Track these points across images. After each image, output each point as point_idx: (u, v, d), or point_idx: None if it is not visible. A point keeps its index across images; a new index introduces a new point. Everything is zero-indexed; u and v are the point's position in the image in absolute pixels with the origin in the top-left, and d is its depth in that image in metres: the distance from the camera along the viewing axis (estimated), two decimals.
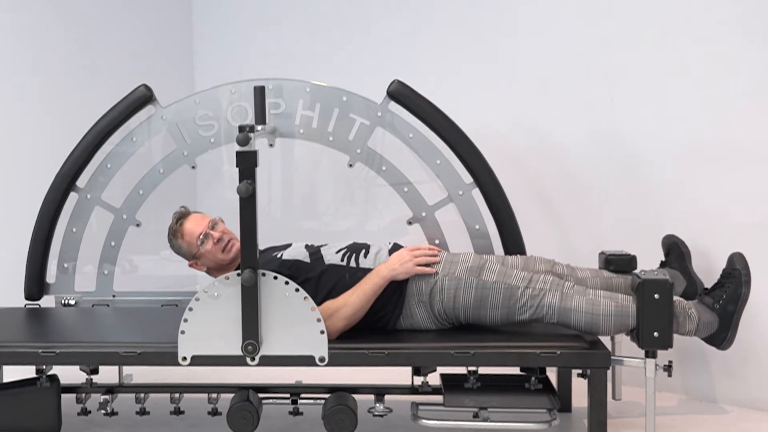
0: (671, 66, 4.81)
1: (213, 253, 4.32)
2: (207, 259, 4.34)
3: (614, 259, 4.33)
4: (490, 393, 3.97)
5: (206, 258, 4.34)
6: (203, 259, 4.35)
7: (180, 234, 4.39)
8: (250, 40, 6.51)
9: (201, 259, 4.36)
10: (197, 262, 4.38)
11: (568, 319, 3.97)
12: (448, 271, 4.07)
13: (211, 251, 4.32)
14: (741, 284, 4.04)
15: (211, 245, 4.31)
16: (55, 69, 5.95)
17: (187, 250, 4.39)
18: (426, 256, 4.10)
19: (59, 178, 4.76)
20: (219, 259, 4.32)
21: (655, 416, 3.93)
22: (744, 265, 4.09)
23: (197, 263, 4.38)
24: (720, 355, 4.64)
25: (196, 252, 4.35)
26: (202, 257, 4.35)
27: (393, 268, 4.04)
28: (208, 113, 4.76)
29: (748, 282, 4.05)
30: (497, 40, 5.42)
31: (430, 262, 4.08)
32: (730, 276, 4.10)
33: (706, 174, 4.73)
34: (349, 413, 3.95)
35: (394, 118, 4.66)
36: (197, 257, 4.36)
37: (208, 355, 3.92)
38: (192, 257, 4.38)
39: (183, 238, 4.38)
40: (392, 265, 4.05)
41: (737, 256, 4.15)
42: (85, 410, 4.28)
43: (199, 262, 4.38)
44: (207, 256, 4.33)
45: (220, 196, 6.33)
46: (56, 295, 4.84)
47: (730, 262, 4.16)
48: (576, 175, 5.20)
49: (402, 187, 4.71)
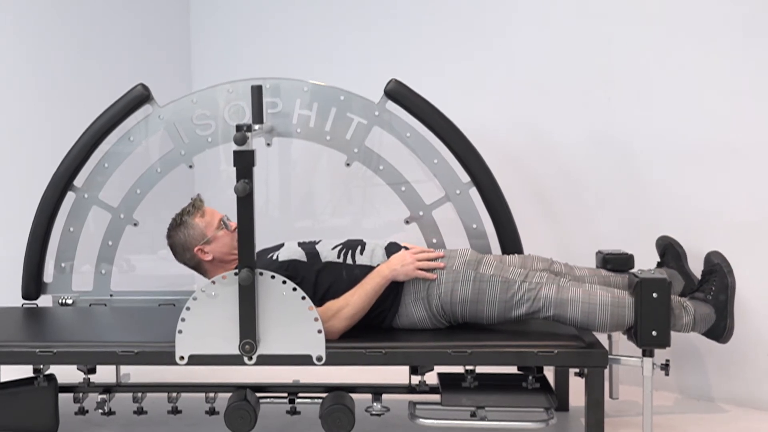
0: (669, 66, 4.82)
1: (228, 240, 4.28)
2: (219, 244, 4.28)
3: (612, 258, 4.33)
4: (487, 392, 3.97)
5: (218, 244, 4.28)
6: (215, 244, 4.28)
7: (201, 213, 4.33)
8: (248, 40, 6.52)
9: (213, 243, 4.27)
10: (205, 247, 4.28)
11: (565, 311, 3.96)
12: (446, 265, 4.07)
13: (226, 237, 4.28)
14: (725, 275, 4.07)
15: (228, 232, 4.29)
16: (52, 68, 5.96)
17: (201, 231, 4.29)
18: (428, 261, 4.10)
19: (57, 177, 4.76)
20: (229, 250, 4.26)
21: (653, 415, 3.94)
22: (722, 259, 4.13)
23: (204, 249, 4.28)
24: (716, 354, 4.67)
25: (211, 235, 4.28)
26: (214, 242, 4.27)
27: (394, 269, 4.04)
28: (206, 112, 4.76)
29: (730, 272, 4.09)
30: (495, 40, 5.42)
31: (432, 267, 4.08)
32: (712, 272, 4.13)
33: (703, 174, 4.74)
34: (346, 412, 3.95)
35: (391, 117, 4.67)
36: (209, 241, 4.28)
37: (205, 355, 3.92)
38: (203, 241, 4.28)
39: (203, 216, 4.31)
40: (394, 266, 4.05)
41: (713, 253, 4.19)
42: (83, 410, 4.28)
43: (206, 248, 4.28)
44: (221, 241, 4.28)
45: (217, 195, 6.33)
46: (53, 294, 4.84)
47: (708, 261, 4.19)
48: (573, 175, 5.20)
49: (399, 187, 4.71)
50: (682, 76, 4.78)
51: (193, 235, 4.31)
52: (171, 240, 4.37)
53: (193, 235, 4.31)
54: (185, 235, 4.33)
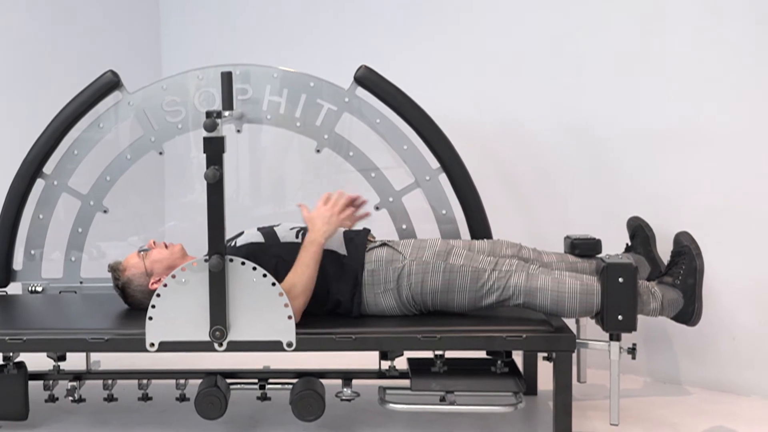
0: (638, 53, 4.85)
1: (159, 254, 4.23)
2: (159, 264, 4.21)
3: (579, 243, 4.35)
4: (456, 377, 3.99)
5: (157, 264, 4.21)
6: (156, 267, 4.20)
7: (122, 267, 4.26)
8: (218, 26, 6.49)
9: (155, 269, 4.20)
10: (155, 277, 4.19)
11: (534, 299, 3.98)
12: (416, 256, 4.08)
13: (156, 254, 4.22)
14: (694, 257, 4.06)
15: (153, 250, 4.24)
16: (20, 55, 5.92)
17: (139, 273, 4.23)
18: (344, 205, 4.12)
19: (25, 164, 4.74)
20: (167, 257, 4.22)
21: (620, 398, 3.96)
22: (690, 240, 4.12)
23: (154, 277, 4.20)
24: (683, 337, 4.71)
25: (145, 267, 4.22)
26: (153, 267, 4.21)
27: (323, 231, 4.03)
28: (176, 99, 4.75)
29: (699, 254, 4.08)
30: (468, 26, 5.42)
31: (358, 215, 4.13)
32: (680, 254, 4.12)
33: (672, 160, 4.78)
34: (316, 398, 3.96)
35: (361, 103, 4.67)
36: (150, 272, 4.21)
37: (175, 341, 3.91)
38: (146, 275, 4.22)
39: (127, 268, 4.25)
40: (320, 228, 4.03)
41: (683, 234, 4.18)
42: (53, 397, 4.26)
43: (155, 275, 4.20)
44: (156, 261, 4.22)
45: (187, 182, 6.33)
46: (23, 282, 4.82)
47: (677, 242, 4.18)
48: (543, 160, 5.22)
49: (369, 173, 4.72)
50: (651, 63, 4.81)
51: (137, 282, 4.24)
52: (132, 299, 4.29)
53: (137, 283, 4.25)
54: (135, 288, 4.26)
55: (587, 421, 4.29)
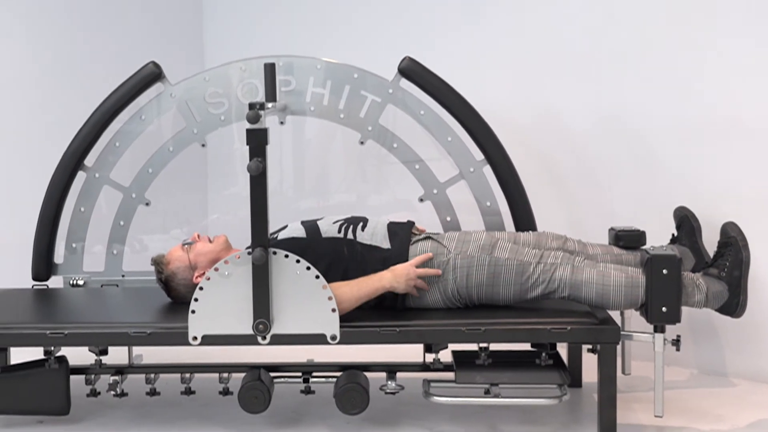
0: (679, 42, 4.81)
1: (203, 247, 4.23)
2: (203, 257, 4.20)
3: (624, 235, 4.32)
4: (501, 369, 3.97)
5: (202, 258, 4.21)
6: (200, 260, 4.21)
7: (166, 261, 4.26)
8: (261, 17, 6.48)
9: (199, 262, 4.21)
10: (198, 268, 4.21)
11: (579, 292, 3.96)
12: (460, 250, 4.06)
13: (201, 247, 4.23)
14: (740, 249, 4.03)
15: (197, 244, 4.25)
16: (62, 47, 5.93)
17: (183, 266, 4.23)
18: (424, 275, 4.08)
19: (67, 157, 4.75)
20: (211, 250, 4.21)
21: (664, 390, 3.93)
22: (738, 231, 4.09)
23: (198, 270, 4.20)
24: (729, 328, 4.68)
25: (189, 260, 4.22)
26: (198, 260, 4.21)
27: (397, 282, 3.99)
28: (218, 91, 4.75)
29: (746, 246, 4.05)
30: (509, 17, 5.40)
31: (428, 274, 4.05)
32: (727, 245, 4.09)
33: (715, 151, 4.75)
34: (360, 391, 3.96)
35: (405, 95, 4.65)
36: (194, 265, 4.21)
37: (218, 335, 3.91)
38: (190, 268, 4.22)
39: (171, 262, 4.25)
40: (398, 278, 3.99)
41: (730, 225, 4.15)
42: (95, 391, 4.26)
43: (199, 268, 4.20)
44: (201, 254, 4.21)
45: (230, 174, 6.33)
46: (64, 275, 4.84)
47: (724, 232, 4.15)
48: (586, 152, 5.20)
49: (413, 165, 4.70)
50: (693, 51, 4.77)
51: (181, 276, 4.25)
52: (175, 293, 4.29)
53: (180, 277, 4.25)
54: (179, 281, 4.27)
55: (632, 413, 4.26)
